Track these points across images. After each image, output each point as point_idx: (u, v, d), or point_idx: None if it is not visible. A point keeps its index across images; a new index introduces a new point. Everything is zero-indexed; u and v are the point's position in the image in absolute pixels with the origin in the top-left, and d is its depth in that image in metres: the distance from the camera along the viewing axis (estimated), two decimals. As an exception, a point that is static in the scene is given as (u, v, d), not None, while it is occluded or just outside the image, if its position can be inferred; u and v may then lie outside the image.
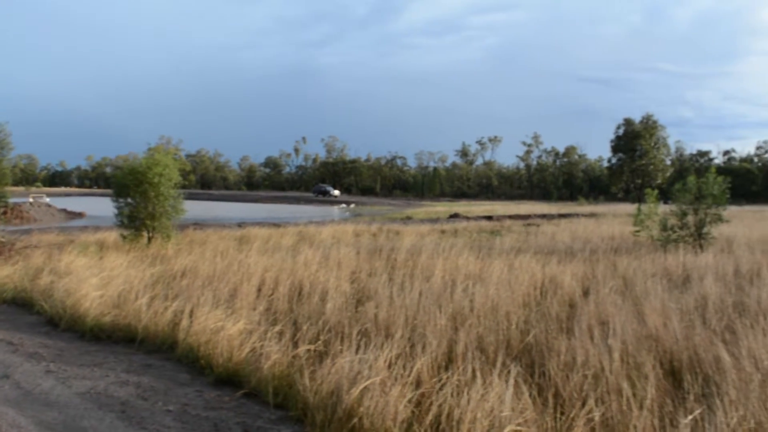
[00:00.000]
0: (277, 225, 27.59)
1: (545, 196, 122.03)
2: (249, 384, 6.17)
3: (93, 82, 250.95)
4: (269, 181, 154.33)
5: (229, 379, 6.47)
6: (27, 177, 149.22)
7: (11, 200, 34.68)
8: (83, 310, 9.18)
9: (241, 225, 27.48)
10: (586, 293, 9.71)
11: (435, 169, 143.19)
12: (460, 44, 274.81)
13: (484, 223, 32.00)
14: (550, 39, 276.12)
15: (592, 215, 39.70)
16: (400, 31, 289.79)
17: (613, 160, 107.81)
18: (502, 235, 23.41)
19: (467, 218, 37.63)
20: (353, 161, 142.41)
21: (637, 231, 19.77)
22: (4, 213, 31.64)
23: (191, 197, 20.81)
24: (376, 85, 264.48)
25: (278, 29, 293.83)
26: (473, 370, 5.25)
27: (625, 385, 5.02)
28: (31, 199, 48.30)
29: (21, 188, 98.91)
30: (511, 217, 39.67)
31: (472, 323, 7.11)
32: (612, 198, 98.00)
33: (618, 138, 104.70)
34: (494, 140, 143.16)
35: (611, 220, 32.56)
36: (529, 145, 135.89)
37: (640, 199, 21.41)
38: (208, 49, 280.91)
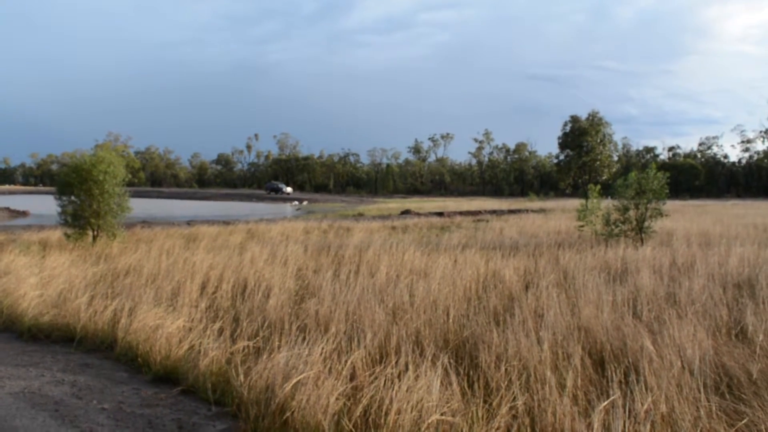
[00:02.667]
0: (227, 223, 27.35)
1: (497, 192, 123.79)
2: (187, 381, 6.19)
3: (38, 78, 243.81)
4: (221, 179, 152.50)
5: (167, 377, 6.48)
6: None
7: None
8: (21, 310, 9.02)
9: (190, 223, 27.15)
10: (527, 287, 9.98)
11: (388, 165, 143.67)
12: (411, 42, 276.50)
13: (435, 220, 32.32)
14: (499, 37, 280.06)
15: (541, 211, 40.53)
16: (351, 28, 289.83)
17: (561, 157, 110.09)
18: (452, 231, 23.72)
19: (419, 214, 37.94)
20: (306, 158, 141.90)
21: (581, 226, 20.29)
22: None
23: (140, 195, 20.52)
24: (328, 83, 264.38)
25: (225, 26, 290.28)
26: (406, 363, 5.40)
27: (549, 374, 5.24)
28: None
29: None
30: (461, 213, 40.17)
31: (410, 317, 7.27)
32: (562, 194, 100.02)
33: (565, 135, 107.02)
34: (446, 137, 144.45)
35: (559, 215, 33.28)
36: (481, 142, 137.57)
37: (586, 194, 21.95)
38: (154, 46, 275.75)
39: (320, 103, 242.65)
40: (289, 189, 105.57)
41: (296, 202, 77.35)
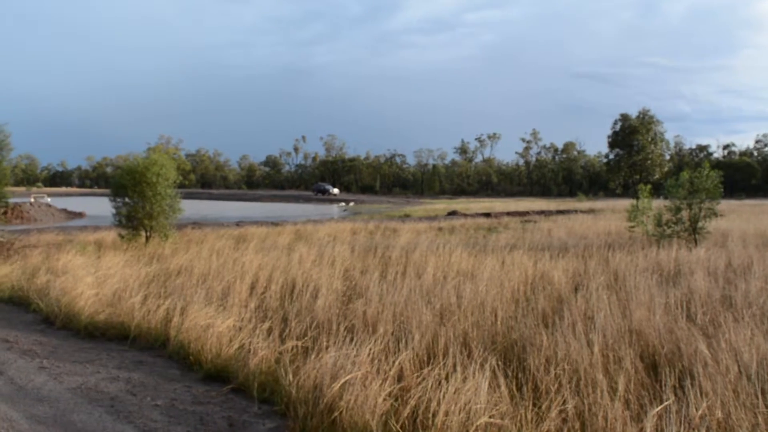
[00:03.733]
0: (275, 224, 27.71)
1: (545, 192, 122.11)
2: (236, 379, 6.30)
3: (94, 83, 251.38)
4: (269, 180, 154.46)
5: (218, 375, 6.60)
6: (28, 177, 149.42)
7: (12, 200, 34.87)
8: (78, 309, 9.32)
9: (239, 224, 27.59)
10: (576, 289, 9.82)
11: (434, 166, 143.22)
12: (456, 42, 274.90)
13: (482, 220, 32.08)
14: (545, 35, 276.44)
15: (590, 211, 39.81)
16: (396, 29, 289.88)
17: (611, 156, 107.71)
18: (499, 232, 23.51)
19: (465, 215, 37.71)
20: (352, 159, 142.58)
21: (632, 227, 19.86)
22: (5, 213, 31.77)
23: (191, 196, 21.03)
24: (373, 84, 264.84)
25: (271, 29, 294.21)
26: (454, 365, 5.38)
27: (600, 377, 5.14)
28: (32, 199, 48.46)
29: (22, 188, 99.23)
30: (509, 213, 39.78)
31: (457, 319, 7.24)
32: (611, 194, 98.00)
33: (615, 133, 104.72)
34: (493, 137, 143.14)
35: (609, 216, 32.64)
36: (528, 142, 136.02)
37: (636, 194, 21.48)
38: (203, 50, 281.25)
39: (366, 105, 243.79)
40: (335, 190, 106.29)
41: (343, 203, 77.83)
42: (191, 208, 22.36)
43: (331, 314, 7.93)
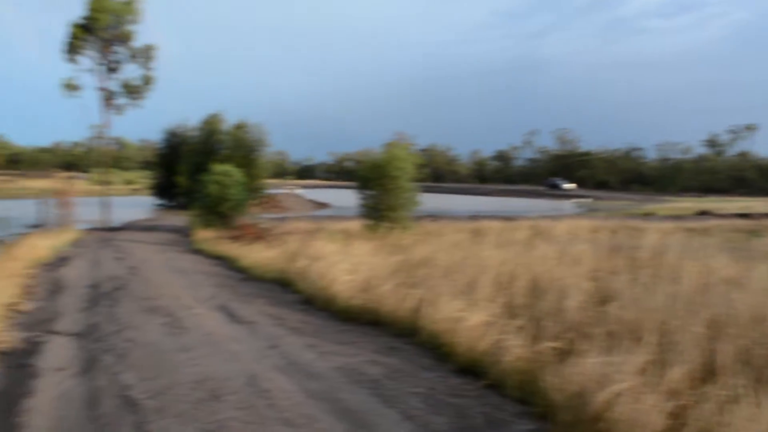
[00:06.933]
0: (508, 218, 27.50)
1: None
2: (489, 375, 6.26)
3: (335, 84, 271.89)
4: (499, 175, 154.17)
5: (469, 369, 6.62)
6: (281, 171, 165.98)
7: (268, 191, 39.01)
8: (334, 292, 10.01)
9: (473, 218, 27.85)
10: None
11: (678, 161, 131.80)
12: (700, 23, 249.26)
13: (740, 222, 28.70)
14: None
15: None
16: (630, 14, 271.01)
17: None
18: (764, 236, 20.84)
19: (719, 216, 34.12)
20: (586, 154, 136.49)
21: None
22: (263, 202, 35.64)
23: (425, 190, 21.71)
24: (605, 74, 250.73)
25: (497, 22, 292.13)
26: (742, 386, 4.77)
27: None
28: (285, 190, 53.73)
29: (276, 181, 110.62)
30: (773, 215, 35.16)
31: (734, 333, 6.45)
32: None
33: None
34: (750, 128, 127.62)
35: None
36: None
37: None
38: (433, 47, 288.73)
39: (599, 96, 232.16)
40: (568, 185, 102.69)
41: (577, 199, 74.98)
42: (426, 200, 22.99)
43: (583, 316, 7.55)
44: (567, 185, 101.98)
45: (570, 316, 7.51)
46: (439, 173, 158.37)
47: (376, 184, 19.80)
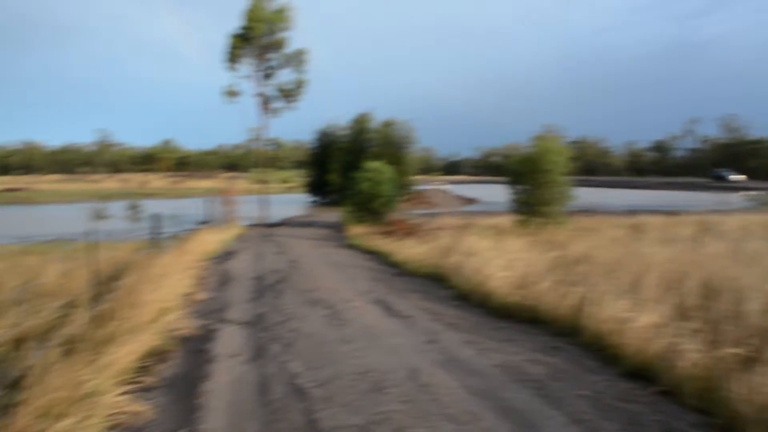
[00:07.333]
0: (671, 213, 25.79)
1: None
2: (662, 381, 5.87)
3: (479, 78, 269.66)
4: (656, 166, 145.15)
5: (639, 373, 6.25)
6: (428, 167, 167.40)
7: (417, 187, 39.53)
8: (489, 289, 9.89)
9: (631, 212, 26.43)
10: None
11: None
12: None
13: None
14: None
15: None
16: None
17: None
18: None
19: None
20: (757, 142, 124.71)
21: None
22: (412, 198, 36.14)
23: (577, 184, 20.88)
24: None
25: (652, 4, 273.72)
26: None
27: None
28: (432, 186, 54.11)
29: (423, 177, 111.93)
30: None
31: None
32: None
33: None
34: None
35: None
36: None
37: None
38: (583, 36, 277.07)
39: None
40: (737, 177, 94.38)
41: (746, 192, 68.80)
42: (579, 195, 22.12)
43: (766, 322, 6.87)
44: (734, 177, 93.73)
45: (752, 321, 6.87)
46: (592, 166, 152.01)
47: (528, 179, 19.37)
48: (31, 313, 8.53)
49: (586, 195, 49.85)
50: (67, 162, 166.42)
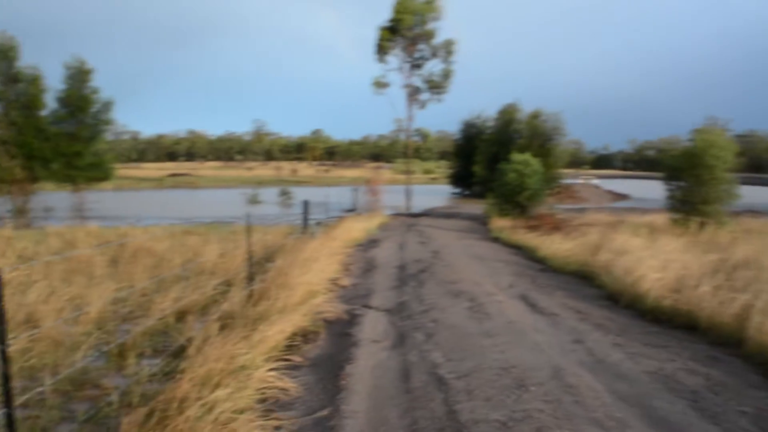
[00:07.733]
0: None
1: None
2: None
3: (636, 66, 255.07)
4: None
5: (814, 395, 5.66)
6: (576, 160, 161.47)
7: (564, 181, 38.27)
8: (642, 291, 9.38)
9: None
10: None
11: None
12: None
13: None
14: None
15: None
16: None
17: None
18: None
19: None
20: None
21: None
22: (559, 192, 35.07)
23: (743, 182, 19.15)
24: None
25: None
26: None
27: None
28: (581, 181, 52.19)
29: (571, 170, 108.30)
30: None
31: None
32: None
33: None
34: None
35: None
36: None
37: None
38: (753, 19, 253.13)
39: None
40: None
41: None
42: (745, 194, 20.38)
43: None
44: None
45: None
46: (760, 163, 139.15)
47: (688, 175, 18.11)
48: (192, 289, 9.29)
49: (753, 194, 45.83)
50: (226, 150, 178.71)
